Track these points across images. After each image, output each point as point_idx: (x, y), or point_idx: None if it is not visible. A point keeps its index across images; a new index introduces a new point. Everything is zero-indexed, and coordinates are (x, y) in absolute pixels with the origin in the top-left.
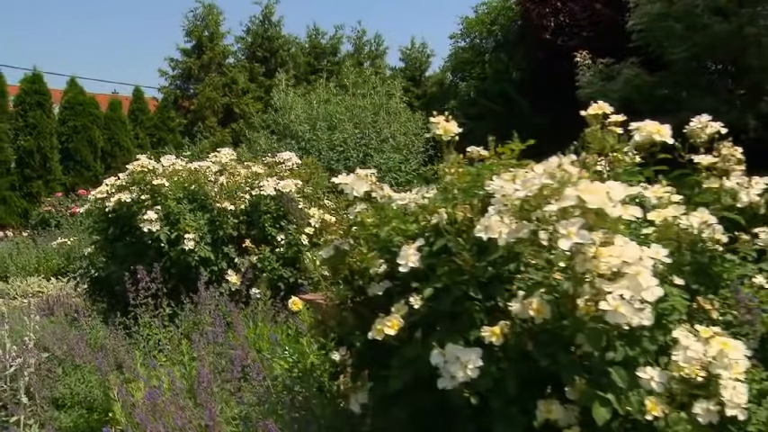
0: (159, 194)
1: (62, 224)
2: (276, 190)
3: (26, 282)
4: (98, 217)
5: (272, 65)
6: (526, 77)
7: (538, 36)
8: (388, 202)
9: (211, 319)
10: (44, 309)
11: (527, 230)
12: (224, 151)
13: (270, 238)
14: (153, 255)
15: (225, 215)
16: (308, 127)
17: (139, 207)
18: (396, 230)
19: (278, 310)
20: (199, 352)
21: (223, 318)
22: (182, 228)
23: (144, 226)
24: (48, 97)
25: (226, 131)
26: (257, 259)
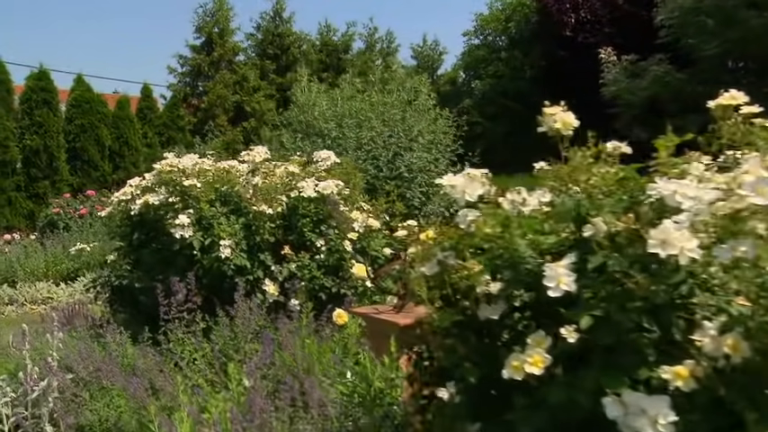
0: (190, 197)
1: (71, 226)
2: (317, 192)
3: (35, 287)
4: (121, 221)
5: (284, 62)
6: (544, 75)
7: (557, 33)
8: (515, 209)
9: (251, 335)
10: (60, 319)
11: (737, 247)
12: (257, 149)
13: (309, 244)
14: (183, 263)
15: (261, 219)
16: (334, 124)
17: (168, 210)
18: (531, 243)
19: (321, 323)
20: (252, 378)
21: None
22: (216, 234)
23: (175, 231)
24: (54, 95)
25: (237, 130)
26: (296, 267)
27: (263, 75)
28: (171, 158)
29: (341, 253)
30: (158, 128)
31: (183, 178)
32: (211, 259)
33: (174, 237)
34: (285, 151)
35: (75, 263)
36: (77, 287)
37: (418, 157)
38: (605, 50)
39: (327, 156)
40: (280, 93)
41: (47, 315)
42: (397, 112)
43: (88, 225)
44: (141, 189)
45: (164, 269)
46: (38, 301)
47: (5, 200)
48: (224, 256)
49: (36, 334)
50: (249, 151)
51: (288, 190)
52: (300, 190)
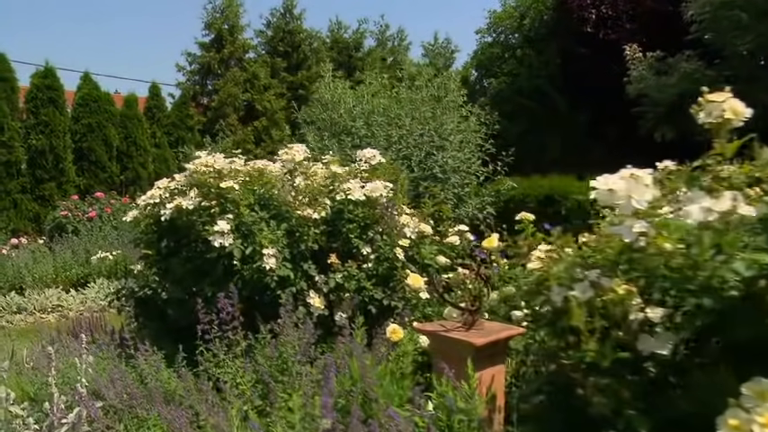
0: (227, 200)
1: (80, 230)
2: (365, 194)
3: (44, 294)
4: (146, 227)
5: (294, 60)
6: (562, 73)
7: (576, 29)
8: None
9: (299, 354)
10: (77, 332)
11: None
12: (296, 147)
13: (354, 252)
14: (219, 274)
15: (305, 225)
16: (362, 122)
17: (203, 215)
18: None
19: (372, 339)
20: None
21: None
22: (258, 241)
23: (214, 239)
24: (61, 93)
25: (248, 129)
26: (342, 277)
27: (273, 73)
28: (205, 157)
29: (391, 261)
30: (167, 127)
31: (218, 179)
32: (253, 270)
33: (210, 245)
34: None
35: (85, 268)
36: (89, 294)
37: (451, 157)
38: (630, 47)
39: (372, 155)
40: (291, 91)
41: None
42: (428, 109)
43: (98, 228)
44: (171, 192)
45: (196, 280)
46: (48, 310)
47: (10, 202)
48: (268, 267)
49: (57, 352)
50: (287, 149)
51: (334, 192)
52: (347, 192)
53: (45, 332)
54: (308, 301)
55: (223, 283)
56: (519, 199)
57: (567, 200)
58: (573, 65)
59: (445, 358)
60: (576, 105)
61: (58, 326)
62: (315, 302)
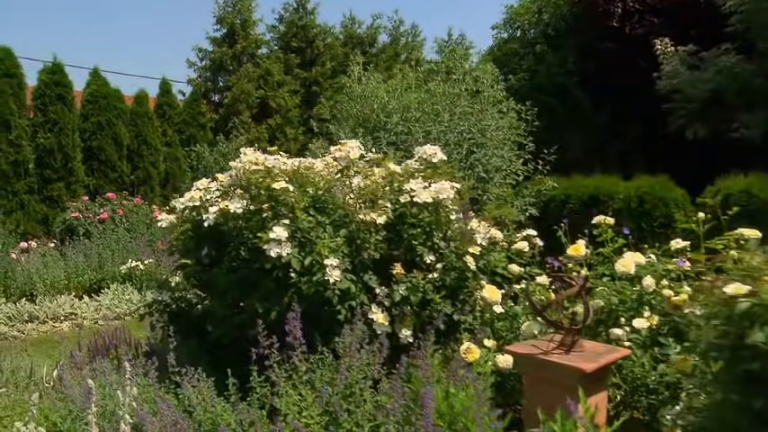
0: (279, 203)
1: (92, 233)
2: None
3: (56, 301)
4: (184, 233)
5: (308, 56)
6: (586, 69)
7: (601, 23)
8: None
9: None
10: (100, 347)
11: None
12: (350, 143)
13: (417, 261)
14: (271, 287)
15: (367, 231)
16: (399, 118)
17: (252, 221)
18: None
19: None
20: None
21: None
22: (318, 251)
23: (269, 248)
24: (69, 89)
25: (262, 127)
26: (405, 289)
27: (286, 69)
28: (254, 154)
29: (460, 271)
30: (178, 125)
31: (269, 179)
32: (313, 283)
33: (259, 254)
34: None
35: (98, 273)
36: (103, 301)
37: (493, 155)
38: (661, 41)
39: (433, 152)
40: (304, 88)
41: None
42: (468, 104)
43: (111, 231)
44: (212, 193)
45: (243, 293)
46: (60, 318)
47: (17, 203)
48: (332, 279)
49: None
50: (340, 146)
51: (398, 194)
52: (412, 194)
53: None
54: (370, 316)
55: (275, 298)
56: (560, 200)
57: (613, 201)
58: (595, 60)
59: (544, 385)
60: (598, 102)
61: (75, 336)
62: (378, 318)
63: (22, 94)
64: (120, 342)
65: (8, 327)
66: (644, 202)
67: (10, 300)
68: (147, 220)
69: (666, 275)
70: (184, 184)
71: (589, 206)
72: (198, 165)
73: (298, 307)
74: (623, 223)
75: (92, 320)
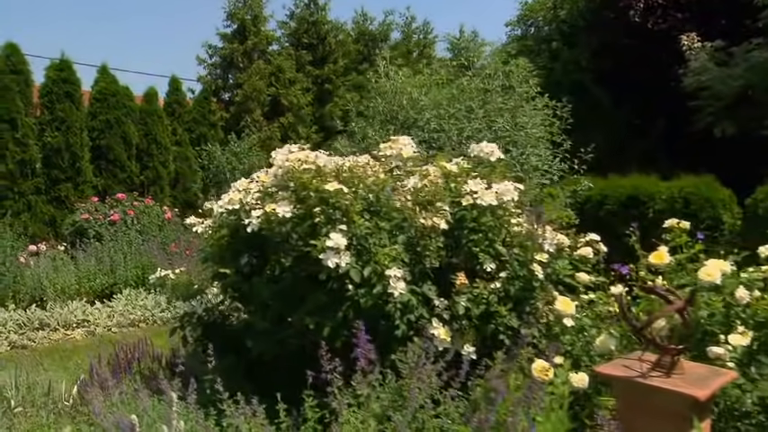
0: (331, 206)
1: (102, 235)
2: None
3: (67, 307)
4: (218, 239)
5: (320, 53)
6: (606, 66)
7: (621, 19)
8: None
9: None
10: (122, 361)
11: None
12: (401, 140)
13: (477, 269)
14: (323, 300)
15: (427, 237)
16: (432, 115)
17: (302, 226)
18: None
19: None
20: None
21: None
22: (378, 260)
23: (327, 258)
24: (77, 87)
25: (274, 126)
26: (467, 300)
27: (298, 66)
28: (301, 152)
29: (526, 280)
30: (188, 124)
31: (320, 181)
32: (373, 297)
33: (315, 264)
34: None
35: (110, 278)
36: (116, 306)
37: (531, 153)
38: (687, 36)
39: (491, 149)
40: (316, 86)
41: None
42: (503, 100)
43: (122, 233)
44: (252, 194)
45: (289, 307)
46: (72, 325)
47: (24, 205)
48: (396, 293)
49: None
50: (391, 143)
51: (458, 196)
52: (475, 196)
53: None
54: (431, 331)
55: (327, 312)
56: (597, 200)
57: (654, 201)
58: (615, 57)
59: (645, 413)
60: (618, 101)
61: (88, 345)
62: (440, 333)
63: (29, 92)
64: (143, 354)
65: (18, 335)
66: (689, 203)
67: (19, 306)
68: (159, 221)
69: (755, 285)
70: (195, 184)
71: (628, 207)
72: (209, 164)
73: (345, 320)
74: None
75: (105, 328)
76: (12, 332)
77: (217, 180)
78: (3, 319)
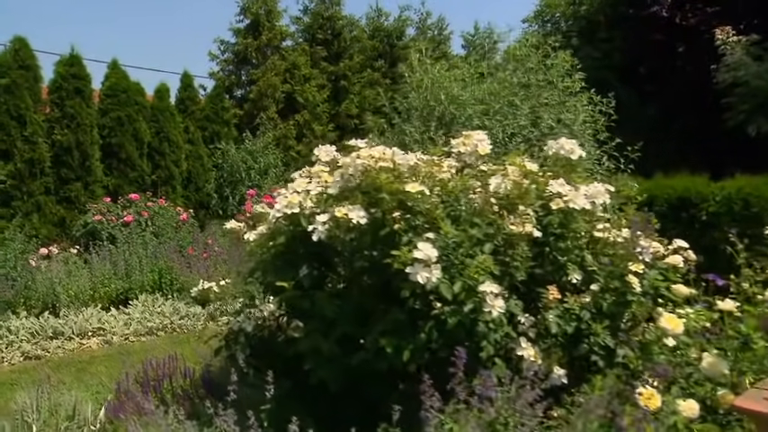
0: (411, 212)
1: (116, 237)
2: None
3: (82, 315)
4: (272, 247)
5: (335, 48)
6: (631, 63)
7: (647, 13)
8: None
9: None
10: (150, 378)
11: None
12: (475, 135)
13: (563, 281)
14: (401, 318)
15: (517, 245)
16: (478, 110)
17: (377, 233)
18: None
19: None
20: None
21: None
22: (469, 274)
23: (414, 272)
24: (87, 82)
25: (289, 123)
26: (556, 316)
27: (313, 62)
28: (371, 148)
29: (620, 293)
30: (200, 121)
31: (399, 182)
32: (464, 315)
33: (394, 277)
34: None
35: (125, 282)
36: (133, 314)
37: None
38: (722, 30)
39: (571, 147)
40: (331, 83)
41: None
42: (549, 95)
43: (136, 235)
44: (318, 198)
45: (358, 325)
46: (88, 334)
47: (33, 205)
48: (495, 312)
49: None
50: (464, 139)
51: (546, 200)
52: (565, 199)
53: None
54: (518, 352)
55: (406, 332)
56: (643, 201)
57: (707, 203)
58: (641, 53)
59: None
60: (645, 98)
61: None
62: (529, 354)
63: (37, 88)
64: (174, 370)
65: (31, 344)
66: (750, 204)
67: (31, 313)
68: (174, 222)
69: None
70: (209, 184)
71: (677, 209)
72: (223, 163)
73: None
74: (725, 229)
75: (122, 336)
76: (24, 341)
77: (231, 180)
78: (14, 328)
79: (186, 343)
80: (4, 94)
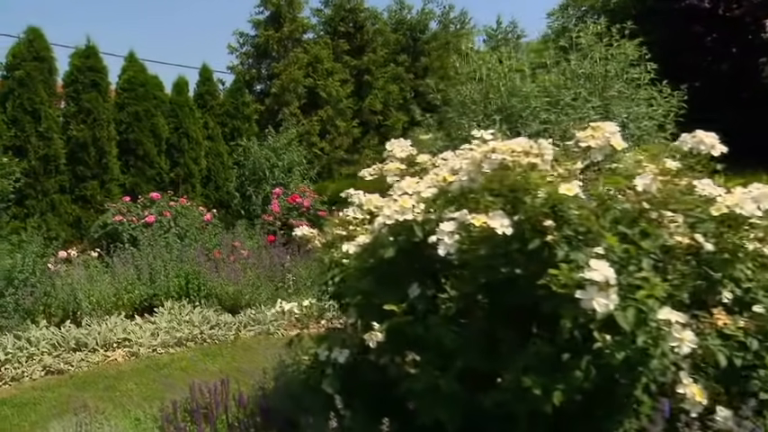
0: (563, 220)
1: (138, 239)
2: None
3: (106, 324)
4: (373, 261)
5: (357, 42)
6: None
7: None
8: None
9: None
10: (203, 408)
11: None
12: (605, 126)
13: (709, 300)
14: (548, 351)
15: (678, 259)
16: (537, 104)
17: (523, 247)
18: None
19: None
20: None
21: None
22: (642, 298)
23: (587, 297)
24: (104, 75)
25: (313, 119)
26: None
27: (335, 56)
28: (513, 142)
29: None
30: (220, 117)
31: (544, 182)
32: (635, 350)
33: (550, 300)
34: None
35: (149, 288)
36: (160, 323)
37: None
38: None
39: (711, 142)
40: (354, 78)
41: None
42: (621, 87)
43: (159, 237)
44: (441, 201)
45: (487, 360)
46: (113, 345)
47: (48, 204)
48: (685, 347)
49: None
50: (593, 131)
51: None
52: (730, 204)
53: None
54: (681, 390)
55: (555, 369)
56: None
57: None
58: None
59: None
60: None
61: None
62: (692, 393)
63: (52, 81)
64: (227, 396)
65: (53, 357)
66: None
67: (51, 322)
68: (198, 223)
69: None
70: (230, 182)
71: None
72: (245, 161)
73: (575, 379)
74: None
75: (149, 348)
76: (45, 354)
77: (254, 178)
78: (35, 339)
79: (219, 356)
80: (18, 87)
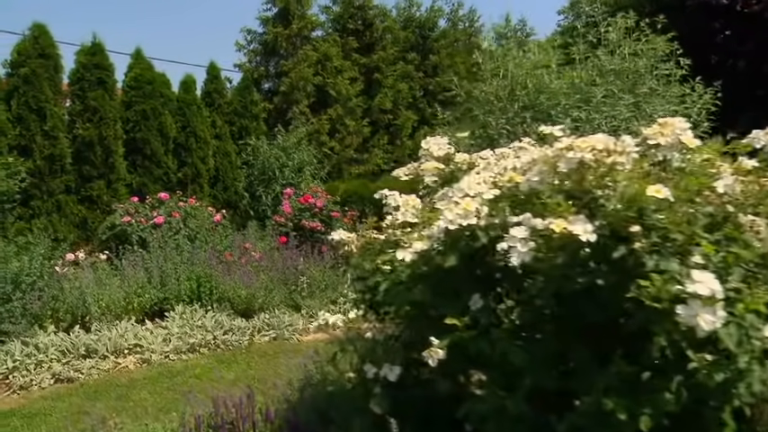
0: (649, 225)
1: (148, 241)
2: None
3: (116, 329)
4: (429, 269)
5: (367, 39)
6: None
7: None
8: None
9: None
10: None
11: None
12: (675, 122)
13: None
14: (630, 371)
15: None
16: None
17: (606, 256)
18: None
19: None
20: None
21: None
22: (742, 313)
23: (691, 314)
24: (110, 73)
25: (323, 118)
26: None
27: (344, 54)
28: (593, 138)
29: None
30: (228, 115)
31: (638, 182)
32: (734, 371)
33: (641, 312)
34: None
35: (159, 292)
36: (171, 328)
37: None
38: None
39: None
40: (363, 76)
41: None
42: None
43: (169, 238)
44: (504, 204)
45: (562, 380)
46: (123, 351)
47: (53, 205)
48: None
49: None
50: (661, 128)
51: None
52: None
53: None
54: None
55: (640, 391)
56: None
57: None
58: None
59: None
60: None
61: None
62: None
63: (58, 79)
64: (252, 410)
65: (62, 364)
66: None
67: (60, 327)
68: (208, 224)
69: None
70: (238, 182)
71: None
72: (254, 161)
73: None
74: None
75: (161, 354)
76: (54, 361)
77: (263, 178)
78: (43, 345)
79: (234, 363)
80: (23, 84)
